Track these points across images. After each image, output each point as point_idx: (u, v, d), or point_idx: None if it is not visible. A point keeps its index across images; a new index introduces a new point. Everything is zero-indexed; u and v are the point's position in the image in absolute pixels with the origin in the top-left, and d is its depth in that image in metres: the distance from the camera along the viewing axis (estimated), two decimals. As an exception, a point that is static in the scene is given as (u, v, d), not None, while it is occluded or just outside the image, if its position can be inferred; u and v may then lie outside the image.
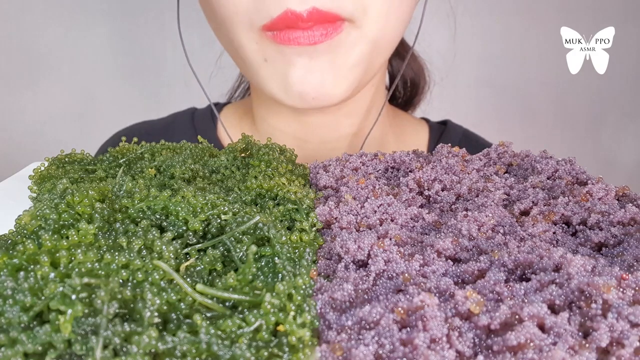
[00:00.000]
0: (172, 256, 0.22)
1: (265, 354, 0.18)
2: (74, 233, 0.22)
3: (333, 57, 0.38)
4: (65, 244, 0.21)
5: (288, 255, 0.23)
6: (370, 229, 0.27)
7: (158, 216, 0.25)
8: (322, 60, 0.38)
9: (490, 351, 0.18)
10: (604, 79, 0.51)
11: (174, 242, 0.23)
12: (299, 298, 0.20)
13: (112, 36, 0.86)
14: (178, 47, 0.48)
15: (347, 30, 0.37)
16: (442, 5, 0.56)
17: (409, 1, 0.41)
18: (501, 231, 0.26)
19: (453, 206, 0.30)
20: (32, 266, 0.20)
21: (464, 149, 0.36)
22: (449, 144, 0.36)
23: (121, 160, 0.35)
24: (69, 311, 0.18)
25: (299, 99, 0.39)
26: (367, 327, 0.19)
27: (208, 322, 0.19)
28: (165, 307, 0.19)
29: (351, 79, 0.40)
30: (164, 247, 0.22)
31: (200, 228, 0.25)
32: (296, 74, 0.38)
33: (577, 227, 0.26)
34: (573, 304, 0.20)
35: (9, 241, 0.23)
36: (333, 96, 0.40)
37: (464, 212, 0.27)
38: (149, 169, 0.33)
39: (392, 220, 0.28)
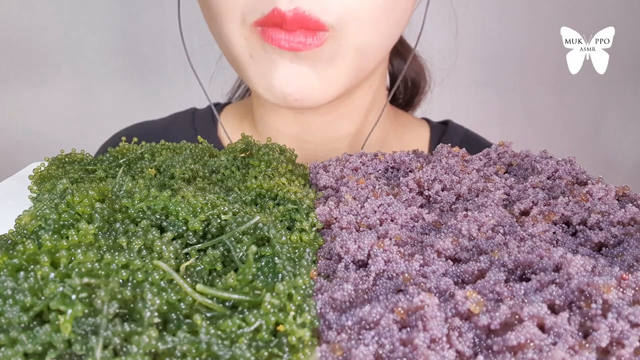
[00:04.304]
0: (172, 256, 0.22)
1: (265, 354, 0.18)
2: (74, 233, 0.22)
3: (316, 65, 0.38)
4: (65, 244, 0.21)
5: (288, 255, 0.23)
6: (370, 229, 0.27)
7: (158, 216, 0.25)
8: (305, 65, 0.38)
9: (490, 351, 0.18)
10: (604, 79, 0.51)
11: (174, 242, 0.23)
12: (299, 298, 0.20)
13: (112, 36, 0.86)
14: (178, 47, 0.48)
15: (329, 42, 0.37)
16: (444, 5, 0.56)
17: (403, 6, 0.41)
18: (501, 231, 0.26)
19: (453, 206, 0.30)
20: (32, 266, 0.20)
21: (463, 149, 0.36)
22: (449, 144, 0.36)
23: (121, 160, 0.35)
24: (69, 311, 0.18)
25: (282, 99, 0.40)
26: (367, 327, 0.19)
27: (208, 322, 0.19)
28: (165, 307, 0.19)
29: (339, 84, 0.40)
30: (164, 247, 0.22)
31: (200, 228, 0.25)
32: (279, 75, 0.39)
33: (577, 227, 0.26)
34: (573, 304, 0.20)
35: (9, 241, 0.23)
36: (318, 98, 0.40)
37: (464, 212, 0.27)
38: (149, 169, 0.33)
39: (392, 220, 0.28)
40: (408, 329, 0.19)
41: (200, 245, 0.24)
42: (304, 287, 0.21)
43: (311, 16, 0.36)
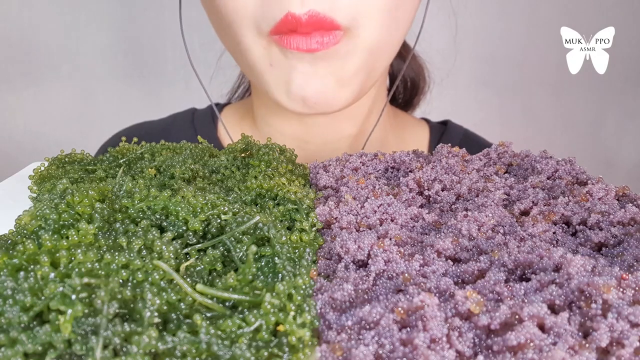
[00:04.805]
0: (172, 256, 0.22)
1: (265, 354, 0.18)
2: (74, 233, 0.22)
3: (331, 65, 0.39)
4: (65, 244, 0.21)
5: (288, 255, 0.23)
6: (370, 229, 0.27)
7: (158, 216, 0.25)
8: (322, 67, 0.38)
9: (490, 351, 0.18)
10: (604, 79, 0.51)
11: (174, 242, 0.23)
12: (299, 298, 0.20)
13: (112, 36, 0.86)
14: (178, 47, 0.48)
15: (344, 41, 0.38)
16: (443, 5, 0.56)
17: (410, 5, 0.41)
18: (501, 231, 0.26)
19: (453, 206, 0.30)
20: (32, 266, 0.20)
21: (463, 149, 0.36)
22: (449, 144, 0.36)
23: (121, 160, 0.35)
24: (69, 311, 0.18)
25: (302, 104, 0.40)
26: (367, 327, 0.19)
27: (208, 322, 0.19)
28: (165, 307, 0.19)
29: (353, 86, 0.40)
30: (164, 247, 0.22)
31: (200, 228, 0.25)
32: (298, 79, 0.39)
33: (577, 227, 0.26)
34: (573, 304, 0.20)
35: (9, 241, 0.23)
36: (335, 103, 0.40)
37: (464, 212, 0.27)
38: (149, 169, 0.33)
39: (392, 220, 0.28)
40: (408, 329, 0.19)
41: (200, 245, 0.24)
42: (304, 287, 0.21)
43: (326, 17, 0.36)
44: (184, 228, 0.25)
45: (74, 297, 0.18)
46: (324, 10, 0.35)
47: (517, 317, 0.19)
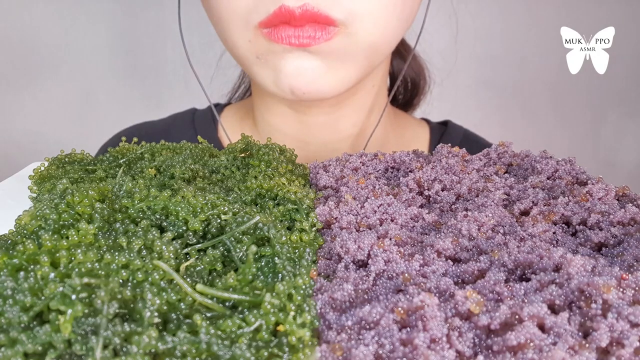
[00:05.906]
0: (172, 256, 0.22)
1: (265, 354, 0.18)
2: (74, 233, 0.22)
3: (326, 59, 0.38)
4: (65, 244, 0.21)
5: (288, 255, 0.23)
6: (370, 229, 0.27)
7: (158, 216, 0.25)
8: (314, 58, 0.38)
9: (490, 351, 0.18)
10: (604, 79, 0.51)
11: (174, 242, 0.23)
12: (299, 298, 0.20)
13: (112, 36, 0.86)
14: (178, 47, 0.48)
15: (339, 37, 0.37)
16: (443, 5, 0.56)
17: (411, 2, 0.41)
18: (501, 231, 0.26)
19: (453, 206, 0.30)
20: (32, 266, 0.20)
21: (463, 149, 0.36)
22: (449, 144, 0.36)
23: (121, 161, 0.35)
24: (69, 311, 0.18)
25: (291, 92, 0.40)
26: (367, 327, 0.19)
27: (208, 322, 0.19)
28: (165, 307, 0.19)
29: (347, 80, 0.40)
30: (164, 247, 0.22)
31: (200, 228, 0.25)
32: (287, 68, 0.39)
33: (577, 227, 0.26)
34: (573, 304, 0.20)
35: (9, 241, 0.23)
36: (326, 91, 0.40)
37: (464, 212, 0.27)
38: (149, 169, 0.33)
39: (392, 220, 0.28)
40: (408, 329, 0.19)
41: (200, 245, 0.24)
42: (304, 287, 0.21)
43: (320, 12, 0.36)
44: (184, 228, 0.25)
45: (74, 297, 0.18)
46: (318, 5, 0.35)
47: (517, 317, 0.19)
